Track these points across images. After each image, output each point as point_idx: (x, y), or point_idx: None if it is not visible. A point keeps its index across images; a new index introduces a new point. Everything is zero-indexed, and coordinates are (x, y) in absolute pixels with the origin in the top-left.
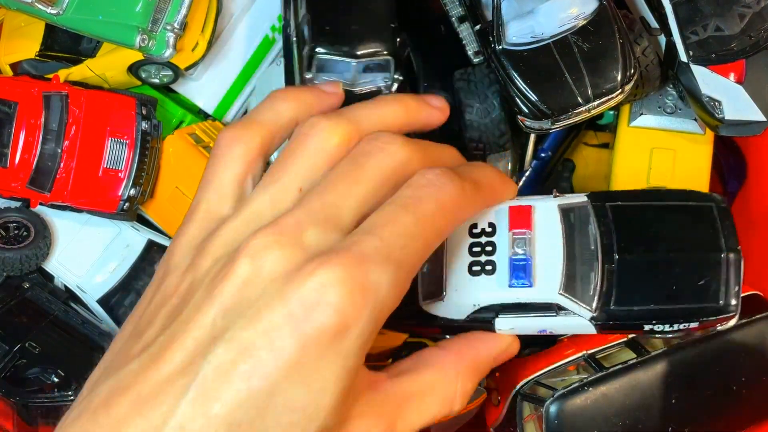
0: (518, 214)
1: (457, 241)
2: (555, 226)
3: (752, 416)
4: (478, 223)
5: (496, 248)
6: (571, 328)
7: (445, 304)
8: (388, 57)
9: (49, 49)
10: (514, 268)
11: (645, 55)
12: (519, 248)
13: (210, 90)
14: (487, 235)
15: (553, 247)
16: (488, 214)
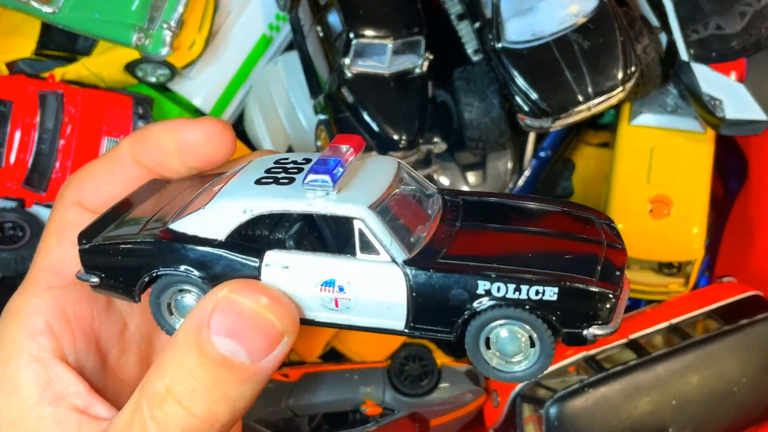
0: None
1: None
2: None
3: (753, 417)
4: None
5: (303, 170)
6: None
7: (202, 216)
8: (419, 37)
9: (45, 48)
10: (318, 163)
11: (646, 53)
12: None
13: (207, 89)
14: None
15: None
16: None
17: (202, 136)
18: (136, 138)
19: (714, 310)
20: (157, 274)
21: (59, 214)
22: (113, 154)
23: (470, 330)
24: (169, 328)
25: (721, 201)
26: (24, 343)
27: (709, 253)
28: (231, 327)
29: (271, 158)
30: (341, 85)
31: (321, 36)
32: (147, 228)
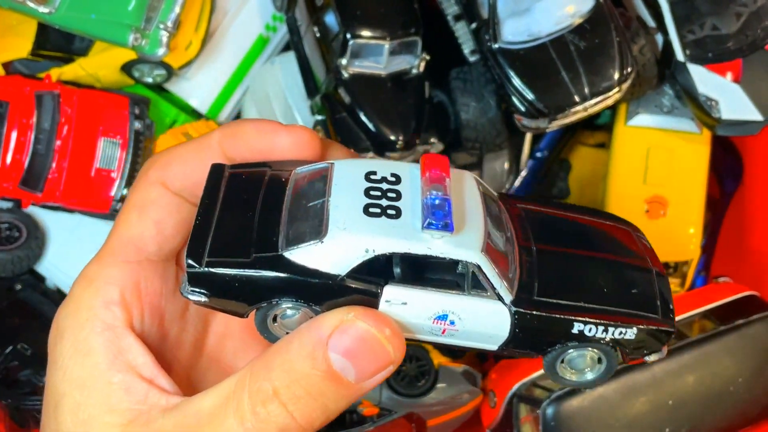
0: (434, 162)
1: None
2: (473, 189)
3: (749, 417)
4: (377, 171)
5: (402, 196)
6: (481, 320)
7: (322, 249)
8: (416, 37)
9: (42, 48)
10: (432, 207)
11: (642, 54)
12: (436, 191)
13: (204, 89)
14: (390, 183)
15: (472, 205)
16: (390, 164)
17: (292, 143)
18: (228, 131)
19: (710, 310)
20: (277, 302)
21: (142, 190)
22: (203, 142)
23: (553, 353)
24: (272, 336)
25: (717, 201)
26: (99, 311)
27: (705, 254)
28: (350, 348)
29: (358, 169)
30: (338, 86)
31: (318, 36)
32: (257, 249)
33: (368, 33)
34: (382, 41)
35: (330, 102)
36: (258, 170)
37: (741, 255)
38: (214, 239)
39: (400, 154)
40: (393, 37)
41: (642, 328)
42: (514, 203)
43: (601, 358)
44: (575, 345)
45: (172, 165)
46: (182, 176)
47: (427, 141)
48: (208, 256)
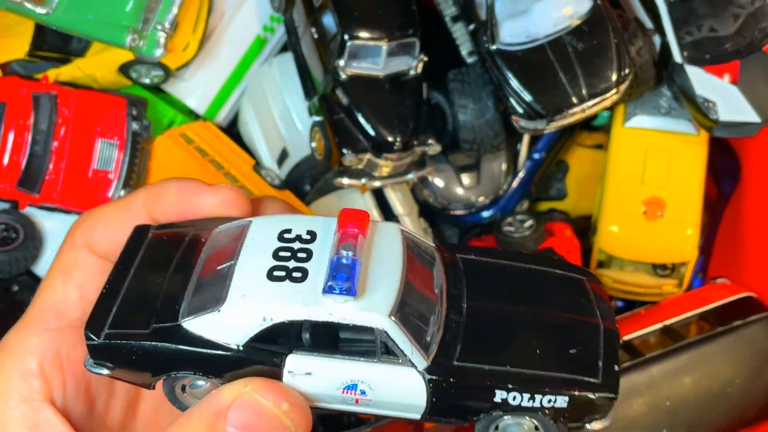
0: (352, 217)
1: (258, 243)
2: (395, 245)
3: (747, 418)
4: (292, 229)
5: (313, 255)
6: (394, 389)
7: (218, 319)
8: (414, 39)
9: (39, 49)
10: (335, 267)
11: (640, 55)
12: (346, 250)
13: (201, 90)
14: (303, 242)
15: (390, 264)
16: (309, 220)
17: (216, 204)
18: (153, 192)
19: (707, 312)
20: (176, 375)
21: (67, 254)
22: (127, 203)
23: (483, 423)
24: (182, 406)
25: (715, 202)
26: (16, 383)
27: (702, 255)
28: (248, 423)
29: (273, 226)
30: (336, 87)
31: (315, 38)
32: (158, 318)
33: (366, 34)
34: (379, 42)
35: (328, 103)
36: (180, 231)
37: (738, 256)
38: (119, 308)
39: (398, 155)
40: (391, 38)
41: (576, 394)
42: (454, 253)
43: (538, 427)
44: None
45: (98, 227)
46: (107, 239)
47: (425, 142)
48: (108, 328)
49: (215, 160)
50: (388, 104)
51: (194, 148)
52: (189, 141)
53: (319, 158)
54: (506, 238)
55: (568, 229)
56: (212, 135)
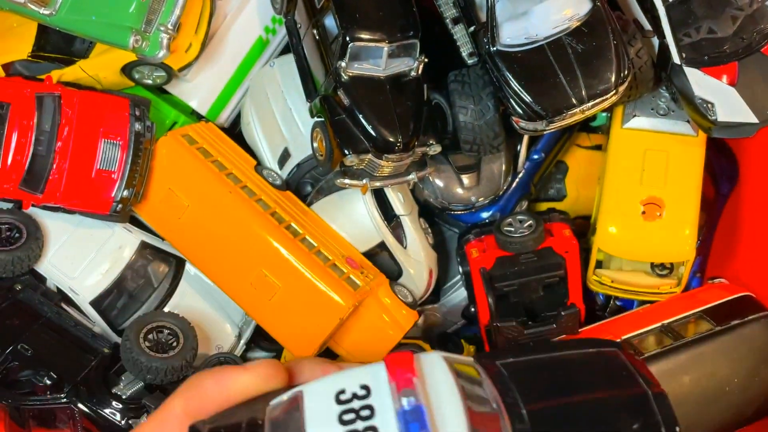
0: (397, 362)
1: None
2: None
3: (744, 416)
4: (345, 388)
5: (375, 411)
6: None
7: None
8: (414, 40)
9: (42, 50)
10: (405, 420)
11: (638, 57)
12: (406, 397)
13: (203, 91)
14: (360, 398)
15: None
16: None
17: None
18: (188, 395)
19: (705, 311)
20: None
21: None
22: (164, 416)
23: None
24: None
25: (713, 203)
26: None
27: (700, 255)
28: None
29: (327, 391)
30: (337, 88)
31: (317, 39)
32: None
33: (367, 36)
34: (380, 44)
35: (329, 104)
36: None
37: (736, 256)
38: None
39: (399, 156)
40: (392, 39)
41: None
42: (492, 362)
43: None
44: None
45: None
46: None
47: (426, 143)
48: None
49: (217, 161)
50: (389, 105)
51: (197, 148)
52: (191, 141)
53: (320, 159)
54: (506, 238)
55: (567, 229)
56: (214, 135)
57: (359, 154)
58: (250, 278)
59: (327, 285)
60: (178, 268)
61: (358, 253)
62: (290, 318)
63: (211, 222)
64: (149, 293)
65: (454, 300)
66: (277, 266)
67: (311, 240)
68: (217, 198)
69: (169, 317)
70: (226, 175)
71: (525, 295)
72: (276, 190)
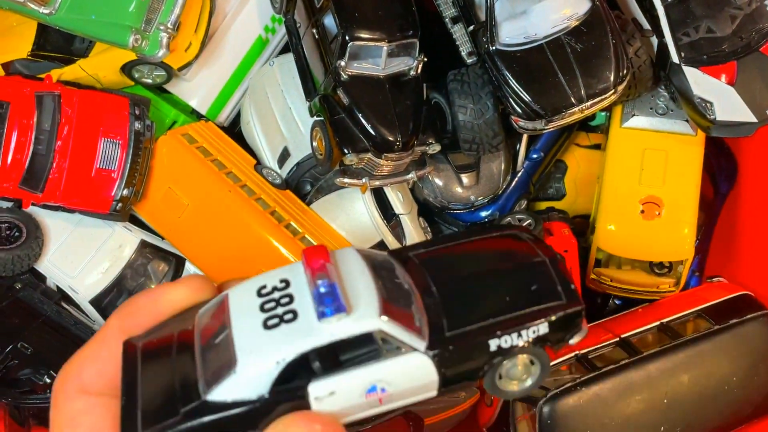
0: (313, 253)
1: (242, 305)
2: (357, 263)
3: (743, 415)
4: (266, 284)
5: (294, 297)
6: (407, 376)
7: (237, 380)
8: (414, 39)
9: (42, 49)
10: (320, 297)
11: (637, 56)
12: (321, 279)
13: (203, 90)
14: (280, 290)
15: (359, 278)
16: (277, 271)
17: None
18: (123, 313)
19: (704, 310)
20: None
21: (65, 408)
22: (103, 335)
23: (488, 375)
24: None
25: (711, 202)
26: None
27: (699, 254)
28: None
29: (248, 290)
30: (337, 87)
31: (316, 38)
32: (183, 402)
33: (366, 35)
34: (380, 43)
35: (329, 103)
36: (166, 329)
37: (735, 255)
38: (144, 409)
39: (398, 155)
40: (391, 39)
41: (552, 318)
42: (405, 254)
43: (533, 360)
44: (502, 359)
45: (84, 369)
46: (98, 376)
47: (425, 142)
48: (142, 429)
49: (217, 160)
50: (388, 104)
51: (196, 147)
52: (191, 140)
53: (319, 158)
54: None
55: (566, 228)
56: (214, 135)
57: (359, 153)
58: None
59: None
60: (177, 266)
61: None
62: None
63: (211, 221)
64: None
65: None
66: (276, 265)
67: (311, 239)
68: (217, 197)
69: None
70: (225, 174)
71: None
72: (275, 189)
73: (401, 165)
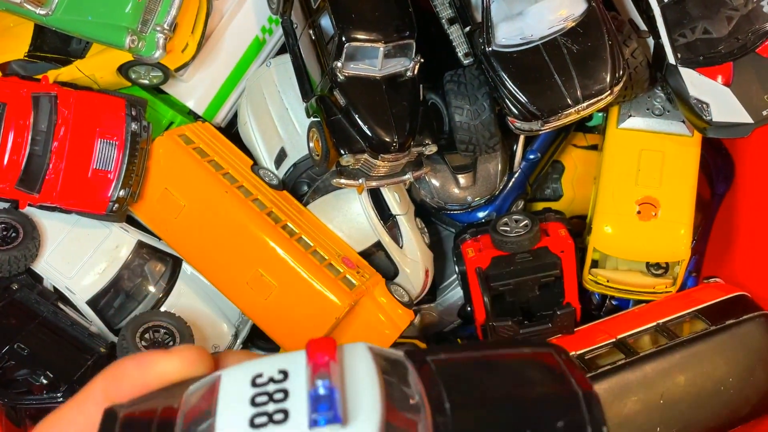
0: (318, 347)
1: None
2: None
3: (740, 416)
4: (263, 372)
5: (289, 394)
6: None
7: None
8: (410, 40)
9: (38, 50)
10: (316, 400)
11: (634, 57)
12: (321, 380)
13: (200, 91)
14: (276, 382)
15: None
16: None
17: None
18: (110, 376)
19: (701, 311)
20: None
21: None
22: (85, 396)
23: None
24: None
25: (708, 203)
26: None
27: (695, 254)
28: None
29: (243, 375)
30: (333, 88)
31: (313, 39)
32: None
33: (363, 36)
34: (376, 44)
35: (325, 104)
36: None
37: (731, 256)
38: None
39: (395, 156)
40: (388, 40)
41: None
42: (422, 357)
43: None
44: None
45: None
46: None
47: (422, 143)
48: None
49: (214, 161)
50: (385, 105)
51: (193, 148)
52: (188, 141)
53: (316, 158)
54: (502, 238)
55: (563, 228)
56: (211, 135)
57: (355, 154)
58: (246, 278)
59: (323, 284)
60: (174, 267)
61: (354, 253)
62: (286, 317)
63: (208, 222)
64: (146, 293)
65: (450, 299)
66: (273, 266)
67: (307, 240)
68: (214, 198)
69: (165, 316)
70: (222, 175)
71: (521, 294)
72: (272, 189)
73: (398, 166)
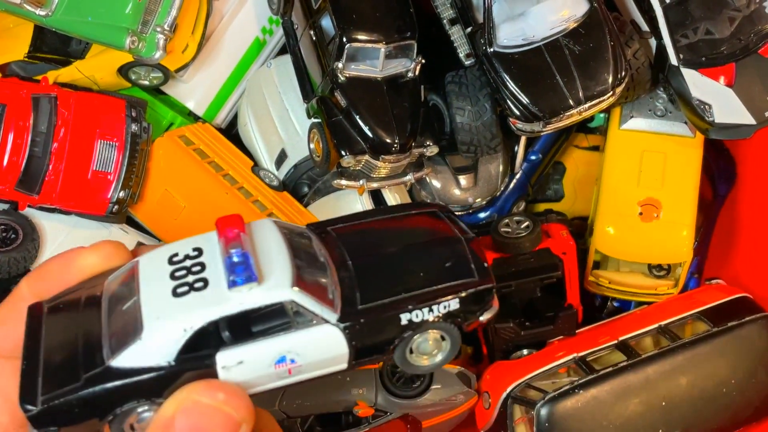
0: (227, 222)
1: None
2: (273, 234)
3: (742, 418)
4: (179, 252)
5: (206, 265)
6: (317, 348)
7: (143, 346)
8: (411, 41)
9: (38, 51)
10: (232, 266)
11: (636, 58)
12: (234, 249)
13: (200, 91)
14: (192, 258)
15: (275, 249)
16: (190, 240)
17: (99, 261)
18: (34, 275)
19: (703, 312)
20: (121, 411)
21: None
22: (13, 296)
23: (399, 349)
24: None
25: (710, 204)
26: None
27: (697, 256)
28: (194, 425)
29: (160, 257)
30: (334, 89)
31: (314, 40)
32: (85, 368)
33: (364, 37)
34: (377, 45)
35: (326, 105)
36: (74, 293)
37: (733, 257)
38: (45, 374)
39: (396, 157)
40: (389, 41)
41: (462, 294)
42: (324, 228)
43: (444, 336)
44: (413, 333)
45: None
46: (5, 339)
47: (423, 144)
48: (42, 394)
49: (214, 162)
50: (386, 106)
51: (193, 149)
52: (188, 142)
53: (317, 160)
54: (503, 239)
55: (564, 230)
56: (211, 136)
57: (356, 155)
58: None
59: None
60: None
61: None
62: None
63: (208, 223)
64: None
65: None
66: None
67: None
68: (214, 199)
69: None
70: (222, 176)
71: (522, 295)
72: (273, 191)
73: (399, 167)
